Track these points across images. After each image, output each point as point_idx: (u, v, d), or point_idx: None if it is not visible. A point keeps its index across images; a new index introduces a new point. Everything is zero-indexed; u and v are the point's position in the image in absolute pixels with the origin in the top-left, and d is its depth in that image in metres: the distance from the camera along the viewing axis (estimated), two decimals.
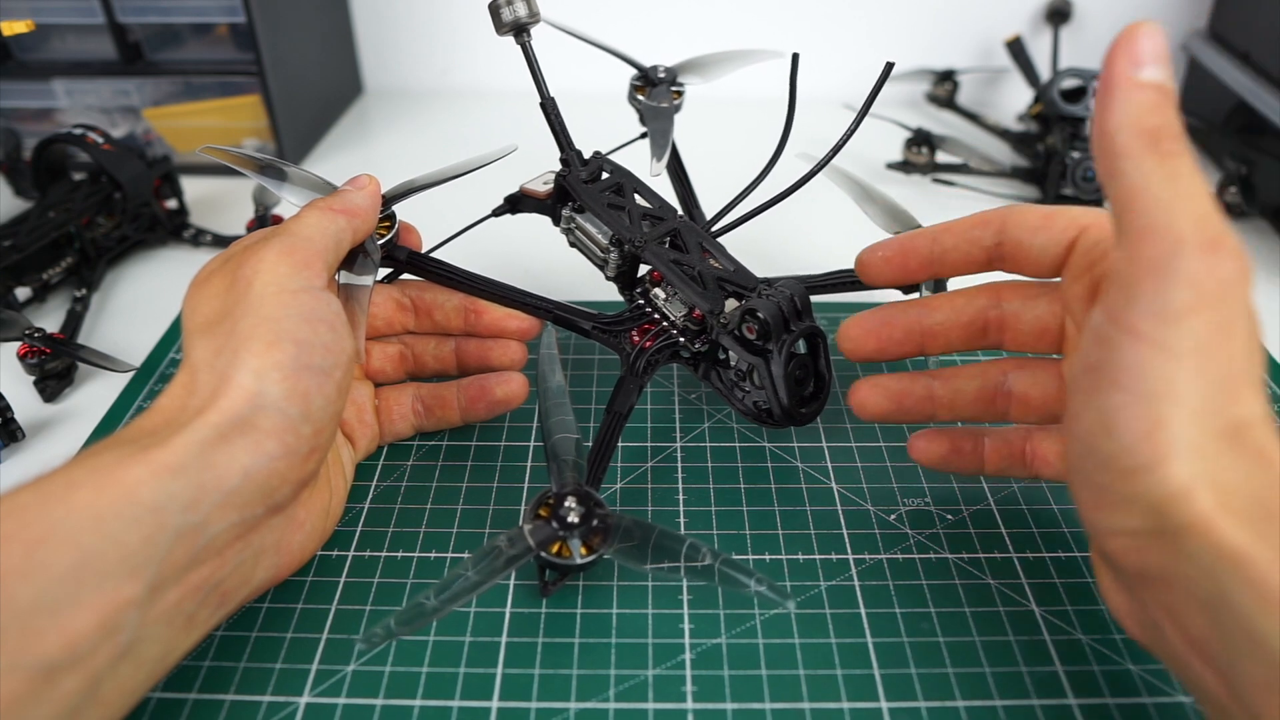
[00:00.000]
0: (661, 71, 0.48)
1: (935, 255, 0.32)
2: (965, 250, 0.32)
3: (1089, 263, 0.29)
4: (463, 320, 0.39)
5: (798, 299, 0.34)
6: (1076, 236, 0.29)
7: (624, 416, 0.35)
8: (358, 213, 0.34)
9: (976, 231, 0.31)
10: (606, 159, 0.41)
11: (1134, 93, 0.23)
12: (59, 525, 0.23)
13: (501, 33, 0.39)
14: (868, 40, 0.77)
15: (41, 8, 0.58)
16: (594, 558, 0.29)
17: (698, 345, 0.36)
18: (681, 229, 0.38)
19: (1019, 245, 0.31)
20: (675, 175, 0.48)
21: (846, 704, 0.29)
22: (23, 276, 0.48)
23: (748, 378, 0.35)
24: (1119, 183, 0.23)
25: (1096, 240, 0.29)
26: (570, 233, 0.41)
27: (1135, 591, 0.25)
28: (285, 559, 0.31)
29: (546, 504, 0.30)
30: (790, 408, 0.34)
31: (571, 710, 0.29)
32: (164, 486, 0.25)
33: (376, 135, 0.73)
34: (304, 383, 0.28)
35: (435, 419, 0.39)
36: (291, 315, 0.29)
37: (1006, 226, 0.31)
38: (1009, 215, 0.31)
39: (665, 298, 0.37)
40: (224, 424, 0.26)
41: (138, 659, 0.24)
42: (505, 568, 0.29)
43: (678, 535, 0.29)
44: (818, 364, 0.35)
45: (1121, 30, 0.24)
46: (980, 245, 0.31)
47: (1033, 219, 0.30)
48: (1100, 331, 0.24)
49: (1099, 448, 0.24)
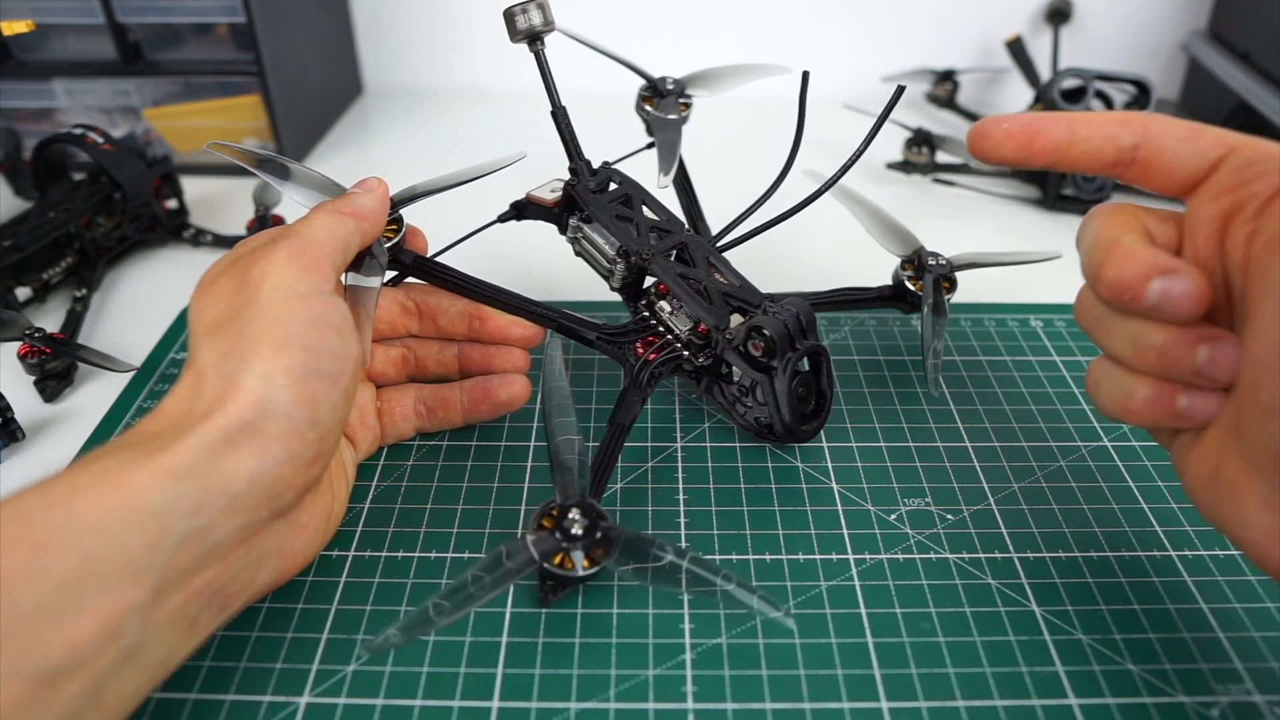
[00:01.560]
0: (670, 83, 0.48)
1: (1064, 143, 0.30)
2: (1098, 145, 0.30)
3: (1235, 183, 0.27)
4: (466, 326, 0.39)
5: (803, 317, 0.34)
6: (1225, 154, 0.28)
7: (627, 428, 0.35)
8: (366, 216, 0.33)
9: (1116, 129, 0.29)
10: (615, 170, 0.41)
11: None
12: (62, 530, 0.23)
13: (516, 40, 0.39)
14: (868, 41, 0.77)
15: (41, 8, 0.58)
16: (596, 570, 0.30)
17: (701, 359, 0.36)
18: (689, 243, 0.38)
19: (1160, 151, 0.29)
20: (681, 188, 0.48)
21: (846, 704, 0.29)
22: (23, 276, 0.48)
23: (750, 393, 0.35)
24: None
25: (1250, 160, 0.27)
26: (576, 242, 0.41)
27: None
28: (288, 562, 0.31)
29: (550, 514, 0.30)
30: (792, 424, 0.34)
31: (572, 710, 0.29)
32: (168, 491, 0.24)
33: (376, 135, 0.73)
34: (311, 388, 0.28)
35: (437, 420, 0.39)
36: (300, 320, 0.28)
37: (1150, 130, 0.29)
38: (1154, 120, 0.29)
39: (671, 311, 0.37)
40: (230, 428, 0.26)
41: (140, 663, 0.24)
42: (509, 580, 0.29)
43: (679, 549, 0.29)
44: (820, 382, 0.35)
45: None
46: (1116, 144, 0.29)
47: (1178, 129, 0.29)
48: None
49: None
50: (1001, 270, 0.47)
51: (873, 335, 0.47)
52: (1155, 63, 0.77)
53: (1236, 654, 0.31)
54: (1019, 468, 0.39)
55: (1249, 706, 0.29)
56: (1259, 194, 0.26)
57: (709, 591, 0.28)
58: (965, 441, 0.40)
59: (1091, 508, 0.37)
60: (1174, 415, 0.27)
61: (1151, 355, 0.28)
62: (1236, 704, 0.29)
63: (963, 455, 0.39)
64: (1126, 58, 0.77)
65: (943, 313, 0.41)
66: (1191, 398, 0.27)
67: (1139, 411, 0.28)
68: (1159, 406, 0.28)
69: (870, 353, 0.46)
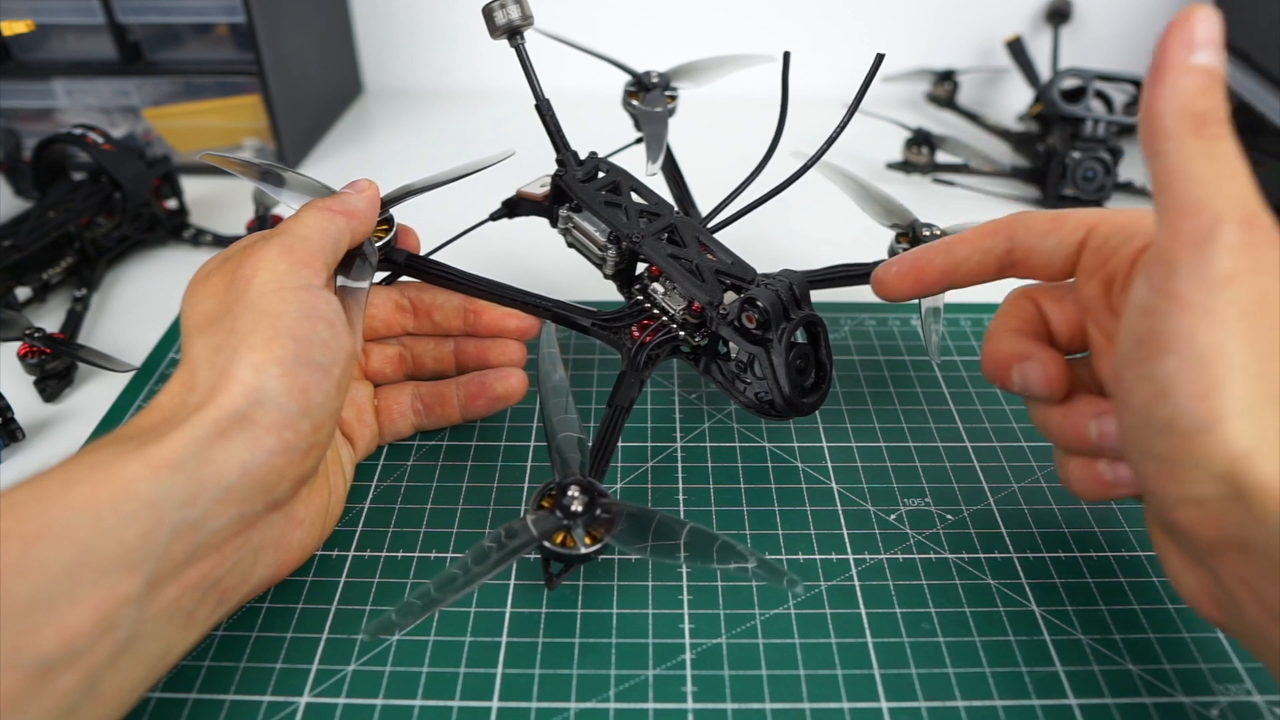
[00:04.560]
0: (655, 77, 0.49)
1: (949, 267, 0.33)
2: (979, 260, 0.32)
3: (1100, 260, 0.29)
4: (462, 320, 0.39)
5: (796, 288, 0.34)
6: (1085, 236, 0.30)
7: (625, 410, 0.35)
8: (356, 214, 0.34)
9: (987, 241, 0.32)
10: (602, 159, 0.41)
11: (1184, 76, 0.24)
12: (56, 521, 0.23)
13: (496, 36, 0.39)
14: (868, 41, 0.77)
15: (41, 8, 0.58)
16: (598, 547, 0.29)
17: (698, 339, 0.36)
18: (678, 224, 0.38)
19: (1030, 250, 0.31)
20: (671, 176, 0.48)
21: (846, 704, 0.29)
22: (23, 276, 0.48)
23: (748, 369, 0.35)
24: (1162, 162, 0.24)
25: (1106, 237, 0.29)
26: (568, 232, 0.41)
27: (1209, 565, 0.25)
28: (285, 556, 0.31)
29: (549, 495, 0.30)
30: (792, 397, 0.33)
31: (571, 710, 0.29)
32: (162, 482, 0.25)
33: (376, 135, 0.73)
34: (303, 378, 0.28)
35: (435, 417, 0.39)
36: (290, 312, 0.29)
37: (1016, 233, 0.31)
38: (1017, 222, 0.31)
39: (664, 292, 0.37)
40: (223, 419, 0.26)
41: (136, 656, 0.24)
42: (509, 558, 0.28)
43: (679, 520, 0.29)
44: (818, 353, 0.35)
45: (1178, 12, 0.24)
46: (992, 254, 0.32)
47: (1041, 223, 0.31)
48: (1145, 304, 0.24)
49: (1155, 415, 0.24)
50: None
51: (872, 335, 0.47)
52: None
53: (1236, 654, 0.31)
54: (1019, 468, 0.39)
55: (1249, 706, 0.29)
56: (1120, 268, 0.28)
57: (709, 561, 0.28)
58: (965, 441, 0.40)
59: (1091, 508, 0.37)
60: (1107, 486, 0.29)
61: (1056, 435, 0.31)
62: (1236, 704, 0.29)
63: (963, 455, 0.39)
64: (1126, 58, 0.77)
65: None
66: (1115, 469, 0.29)
67: (1080, 490, 0.30)
68: (1091, 481, 0.30)
69: (870, 353, 0.46)
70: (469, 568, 0.28)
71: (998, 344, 0.31)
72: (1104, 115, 0.59)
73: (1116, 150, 0.59)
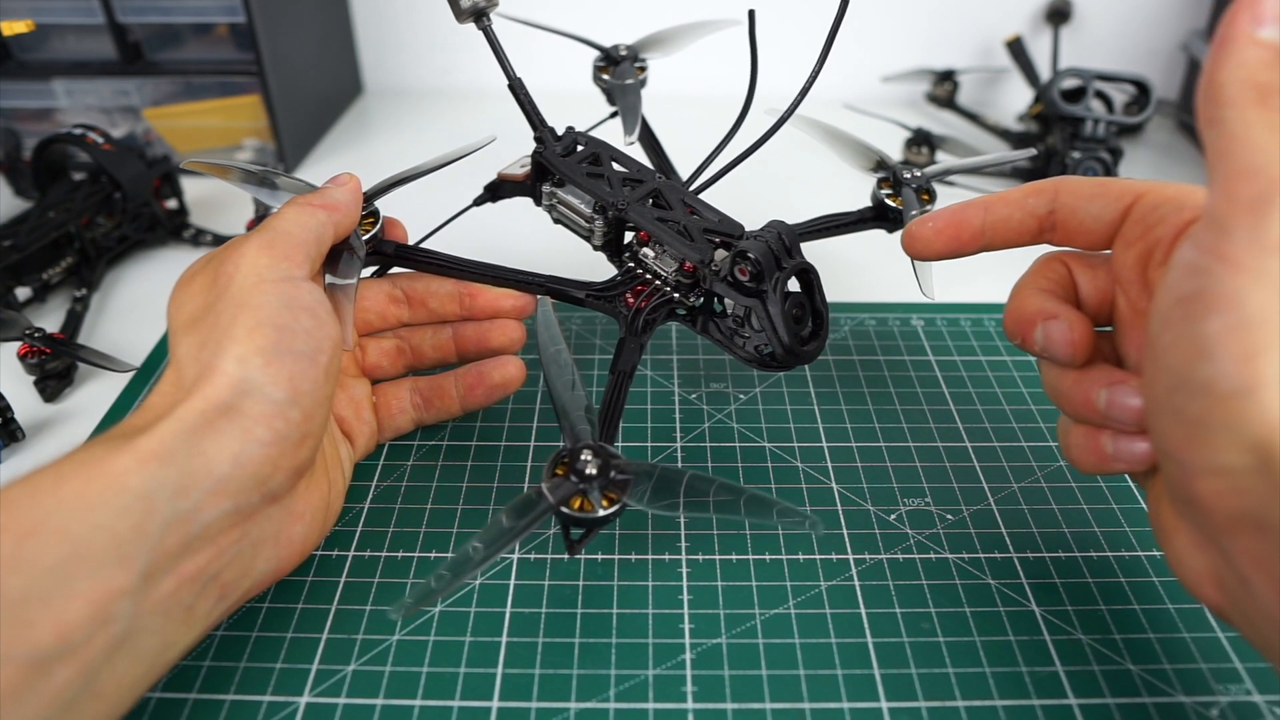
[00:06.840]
0: (623, 50, 0.49)
1: (987, 225, 0.32)
2: (1019, 220, 0.32)
3: (1144, 229, 0.29)
4: (458, 305, 0.39)
5: (785, 237, 0.34)
6: (1131, 203, 0.29)
7: (628, 375, 0.35)
8: (338, 208, 0.34)
9: (1030, 200, 0.31)
10: (580, 133, 0.41)
11: (1250, 48, 0.23)
12: (49, 516, 0.23)
13: (462, 20, 0.39)
14: (867, 41, 0.77)
15: (41, 8, 0.58)
16: (616, 509, 0.29)
17: (692, 299, 0.36)
18: (662, 188, 0.38)
19: (1073, 212, 0.30)
20: (649, 145, 0.48)
21: (846, 704, 0.29)
22: (23, 276, 0.48)
23: (746, 323, 0.35)
24: (1220, 130, 0.24)
25: (1155, 205, 0.28)
26: (553, 209, 0.41)
27: (1222, 543, 0.24)
28: (285, 551, 0.31)
29: (562, 462, 0.30)
30: (791, 345, 0.33)
31: (571, 710, 0.29)
32: (151, 474, 0.25)
33: (376, 135, 0.73)
34: (288, 367, 0.28)
35: (434, 410, 0.39)
36: (271, 303, 0.29)
37: (1060, 195, 0.31)
38: (1061, 184, 0.31)
39: (655, 256, 0.37)
40: (209, 410, 0.27)
41: (135, 651, 0.24)
42: (525, 530, 0.28)
43: (708, 477, 0.29)
44: (814, 301, 0.35)
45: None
46: (1033, 214, 0.31)
47: (1086, 187, 0.30)
48: (1193, 263, 0.24)
49: (1193, 375, 0.23)
50: (1003, 270, 0.47)
51: (872, 335, 0.47)
52: (1155, 63, 0.77)
53: (1236, 654, 0.31)
54: (1019, 468, 0.39)
55: (1249, 706, 0.29)
56: (1164, 238, 0.28)
57: (736, 511, 0.28)
58: (965, 441, 0.40)
59: (1091, 508, 0.37)
60: (1106, 459, 0.29)
61: (1064, 400, 0.30)
62: (1236, 704, 0.29)
63: (963, 455, 0.39)
64: (1126, 58, 0.77)
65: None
66: (1116, 442, 0.29)
67: (1078, 459, 0.30)
68: (1091, 452, 0.29)
69: (870, 353, 0.46)
70: (492, 541, 0.27)
71: (1025, 300, 0.31)
72: (1104, 115, 0.59)
73: (1116, 150, 0.59)
